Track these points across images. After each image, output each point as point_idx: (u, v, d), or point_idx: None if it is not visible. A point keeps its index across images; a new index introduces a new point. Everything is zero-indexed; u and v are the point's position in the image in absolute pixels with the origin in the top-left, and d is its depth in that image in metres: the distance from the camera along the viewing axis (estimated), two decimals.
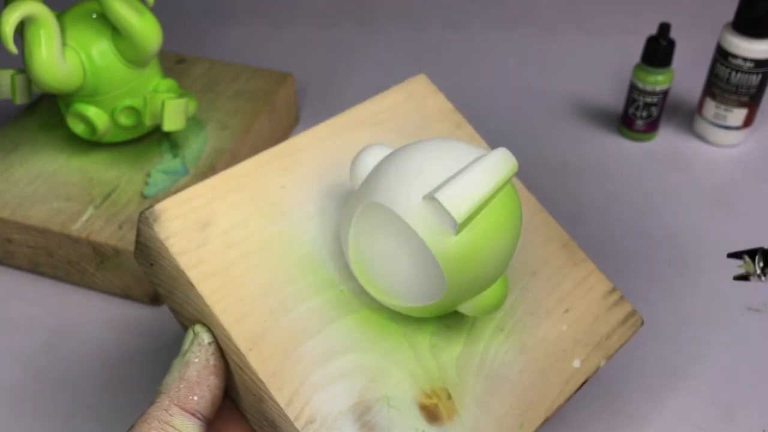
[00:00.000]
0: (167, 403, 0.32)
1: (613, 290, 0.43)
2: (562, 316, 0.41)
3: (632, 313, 0.42)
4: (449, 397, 0.36)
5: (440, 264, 0.33)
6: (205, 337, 0.34)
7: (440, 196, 0.31)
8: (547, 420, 0.37)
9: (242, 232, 0.37)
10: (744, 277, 0.36)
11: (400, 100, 0.46)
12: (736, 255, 0.36)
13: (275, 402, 0.33)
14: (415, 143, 0.35)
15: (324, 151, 0.42)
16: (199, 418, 0.33)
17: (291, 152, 0.40)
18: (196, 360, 0.33)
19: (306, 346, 0.34)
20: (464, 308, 0.36)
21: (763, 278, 0.35)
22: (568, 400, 0.38)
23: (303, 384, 0.33)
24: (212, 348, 0.34)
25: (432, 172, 0.33)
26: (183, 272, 0.34)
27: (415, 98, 0.46)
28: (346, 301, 0.37)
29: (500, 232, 0.33)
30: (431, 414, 0.35)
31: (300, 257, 0.37)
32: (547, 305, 0.41)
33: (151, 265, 0.36)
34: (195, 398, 0.33)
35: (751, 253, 0.35)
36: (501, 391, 0.37)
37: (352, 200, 0.36)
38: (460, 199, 0.31)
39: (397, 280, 0.35)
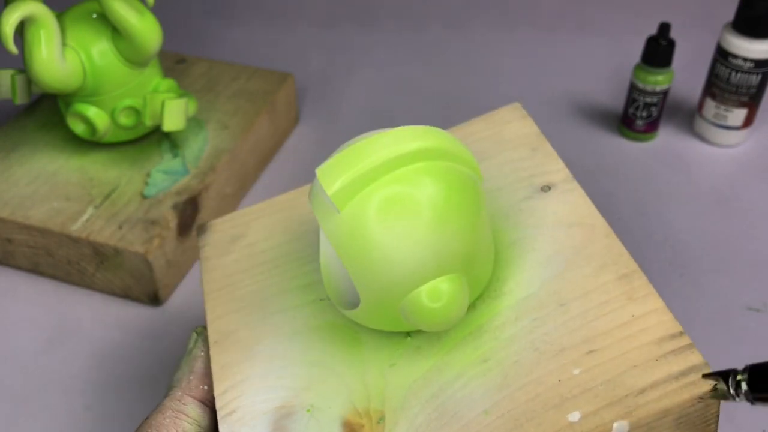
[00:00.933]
0: (180, 394, 0.35)
1: (680, 335, 0.32)
2: (581, 358, 0.32)
3: (700, 366, 0.31)
4: (381, 419, 0.32)
5: (334, 248, 0.31)
6: None
7: (318, 169, 0.30)
8: None
9: (264, 245, 0.40)
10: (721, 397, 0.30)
11: (478, 129, 0.44)
12: (711, 376, 0.30)
13: (215, 390, 0.35)
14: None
15: None
16: (208, 405, 0.35)
17: None
18: (202, 353, 0.37)
19: (263, 346, 0.36)
20: (403, 312, 0.32)
21: (739, 400, 0.29)
22: None
23: (244, 380, 0.35)
24: None
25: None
26: (202, 273, 0.39)
27: (495, 125, 0.43)
28: (322, 311, 0.37)
29: (404, 210, 0.30)
30: None
31: (303, 272, 0.39)
32: (564, 343, 0.33)
33: None
34: (205, 387, 0.36)
35: (726, 375, 0.29)
36: (448, 428, 0.31)
37: None
38: (335, 172, 0.30)
39: (336, 285, 0.35)
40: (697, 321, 0.54)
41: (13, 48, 0.50)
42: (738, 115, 0.67)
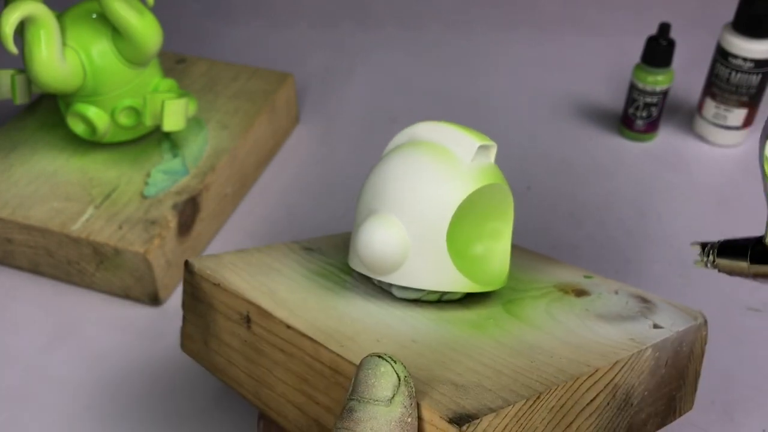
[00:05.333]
0: None
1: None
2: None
3: None
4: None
5: (505, 186, 0.40)
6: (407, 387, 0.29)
7: (479, 142, 0.38)
8: None
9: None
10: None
11: None
12: (696, 244, 0.41)
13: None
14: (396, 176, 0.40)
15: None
16: None
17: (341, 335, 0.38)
18: (409, 419, 0.29)
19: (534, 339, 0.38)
20: None
21: (709, 266, 0.40)
22: None
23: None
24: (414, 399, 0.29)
25: (432, 165, 0.39)
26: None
27: None
28: (505, 320, 0.40)
29: None
30: (579, 291, 0.43)
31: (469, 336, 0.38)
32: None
33: None
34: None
35: (705, 246, 0.41)
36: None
37: (420, 253, 0.39)
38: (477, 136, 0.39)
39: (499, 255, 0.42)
40: None
41: (13, 48, 0.50)
42: (738, 115, 0.67)
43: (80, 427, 0.47)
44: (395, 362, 0.29)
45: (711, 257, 0.39)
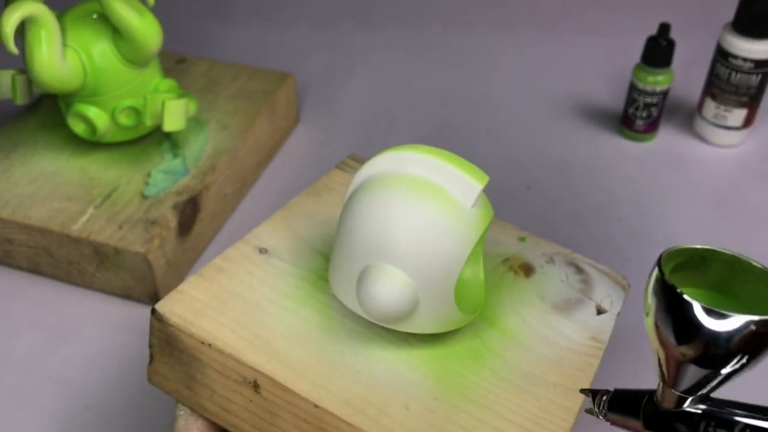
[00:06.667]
0: None
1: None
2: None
3: None
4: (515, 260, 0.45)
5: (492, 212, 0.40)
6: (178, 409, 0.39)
7: (480, 186, 0.37)
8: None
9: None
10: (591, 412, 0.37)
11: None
12: (586, 391, 0.37)
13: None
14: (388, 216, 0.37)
15: None
16: None
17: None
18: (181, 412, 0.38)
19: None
20: None
21: (601, 417, 0.35)
22: None
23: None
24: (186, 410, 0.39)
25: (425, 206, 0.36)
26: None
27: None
28: (489, 336, 0.40)
29: None
30: (525, 267, 0.44)
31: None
32: None
33: None
34: None
35: (596, 394, 0.36)
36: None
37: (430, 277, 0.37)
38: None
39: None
40: None
41: (13, 48, 0.50)
42: (738, 115, 0.67)
43: (80, 427, 0.47)
44: None
45: (602, 408, 0.35)
